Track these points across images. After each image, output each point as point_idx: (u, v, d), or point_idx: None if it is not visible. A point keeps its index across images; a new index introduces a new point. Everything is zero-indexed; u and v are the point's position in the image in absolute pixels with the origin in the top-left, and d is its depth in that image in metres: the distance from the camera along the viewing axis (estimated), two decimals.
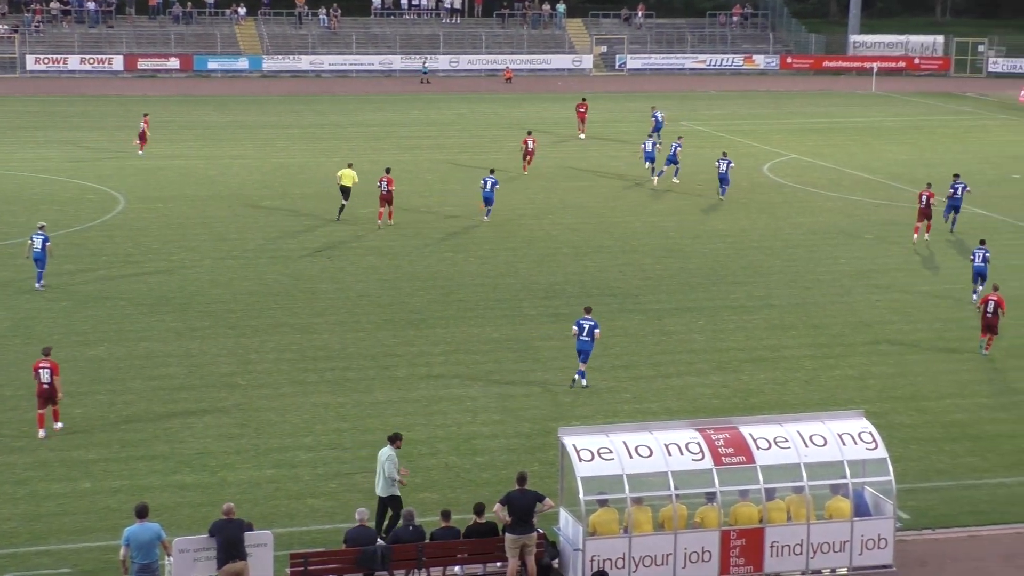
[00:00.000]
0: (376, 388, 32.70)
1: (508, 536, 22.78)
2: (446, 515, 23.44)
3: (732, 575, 23.37)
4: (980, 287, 39.87)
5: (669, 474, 23.06)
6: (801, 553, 23.54)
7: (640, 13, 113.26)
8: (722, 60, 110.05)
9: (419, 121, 78.58)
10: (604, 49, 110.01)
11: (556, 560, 23.63)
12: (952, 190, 50.15)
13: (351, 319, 38.37)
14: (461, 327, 37.66)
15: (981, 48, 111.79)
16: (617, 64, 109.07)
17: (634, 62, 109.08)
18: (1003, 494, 27.24)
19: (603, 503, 23.13)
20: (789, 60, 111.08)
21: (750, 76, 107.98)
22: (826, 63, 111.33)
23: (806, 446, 23.72)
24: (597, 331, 32.47)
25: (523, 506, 22.74)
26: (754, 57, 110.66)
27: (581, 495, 22.71)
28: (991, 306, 35.47)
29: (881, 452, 23.95)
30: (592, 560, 22.77)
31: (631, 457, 23.11)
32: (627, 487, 22.93)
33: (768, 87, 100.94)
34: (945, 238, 49.04)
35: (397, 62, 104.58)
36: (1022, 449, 29.45)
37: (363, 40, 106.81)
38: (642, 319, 38.61)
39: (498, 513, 22.90)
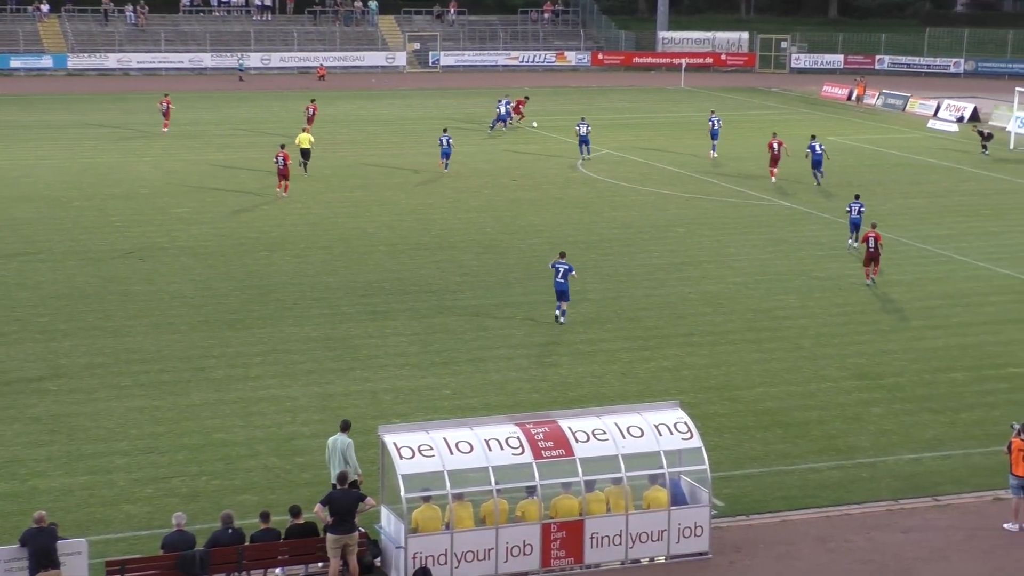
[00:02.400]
0: (192, 390, 32.20)
1: (330, 536, 22.67)
2: (265, 517, 23.21)
3: (553, 567, 23.60)
4: (856, 235, 45.93)
5: (490, 469, 23.19)
6: (620, 543, 23.85)
7: (452, 10, 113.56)
8: (534, 57, 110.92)
9: (232, 119, 77.54)
10: (417, 46, 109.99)
11: (378, 558, 23.61)
12: (809, 150, 56.74)
13: (165, 321, 37.70)
14: (279, 327, 37.29)
15: (784, 45, 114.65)
16: (431, 61, 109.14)
17: (447, 59, 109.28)
18: (813, 479, 27.98)
19: (425, 500, 23.16)
20: (600, 56, 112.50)
21: (562, 72, 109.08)
22: (636, 59, 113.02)
23: (624, 437, 24.03)
24: (573, 273, 37.09)
25: (345, 506, 22.66)
26: (566, 53, 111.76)
27: (403, 492, 22.70)
28: (871, 242, 41.82)
29: (696, 441, 24.41)
30: (415, 557, 22.79)
31: (452, 453, 23.17)
32: (448, 483, 22.98)
33: (580, 83, 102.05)
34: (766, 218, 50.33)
35: (208, 60, 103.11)
36: (831, 435, 30.27)
37: (172, 37, 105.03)
38: (461, 316, 38.70)
39: (319, 513, 22.78)
